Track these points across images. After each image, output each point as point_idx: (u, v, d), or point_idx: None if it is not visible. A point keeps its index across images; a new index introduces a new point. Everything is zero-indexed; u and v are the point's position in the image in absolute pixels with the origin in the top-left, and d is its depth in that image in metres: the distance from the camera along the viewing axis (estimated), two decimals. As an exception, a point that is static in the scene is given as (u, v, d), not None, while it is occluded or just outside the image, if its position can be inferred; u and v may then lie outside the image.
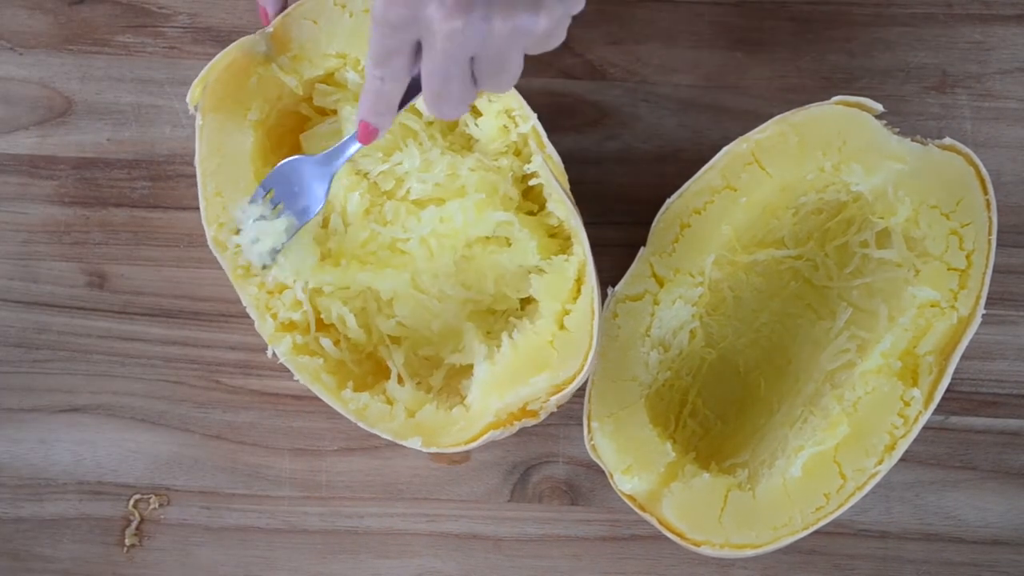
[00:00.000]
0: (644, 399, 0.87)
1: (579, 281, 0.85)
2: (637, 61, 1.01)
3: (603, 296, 0.88)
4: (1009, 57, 1.01)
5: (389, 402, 0.86)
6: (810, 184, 0.89)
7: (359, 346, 0.90)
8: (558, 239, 0.90)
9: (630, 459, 0.85)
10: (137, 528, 0.93)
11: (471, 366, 0.87)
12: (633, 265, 0.88)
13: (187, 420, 0.95)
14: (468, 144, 0.92)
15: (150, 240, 0.98)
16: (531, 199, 0.92)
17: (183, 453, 0.95)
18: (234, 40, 1.02)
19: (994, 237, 0.85)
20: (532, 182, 0.89)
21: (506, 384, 0.84)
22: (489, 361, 0.86)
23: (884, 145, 0.86)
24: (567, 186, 0.86)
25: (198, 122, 0.88)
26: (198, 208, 0.99)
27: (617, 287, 0.88)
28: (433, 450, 0.84)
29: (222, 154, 0.88)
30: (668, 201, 0.89)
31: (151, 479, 0.94)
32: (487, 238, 0.90)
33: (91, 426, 0.95)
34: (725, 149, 0.89)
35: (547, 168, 0.85)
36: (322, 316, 0.89)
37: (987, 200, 0.85)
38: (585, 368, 0.82)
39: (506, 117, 0.88)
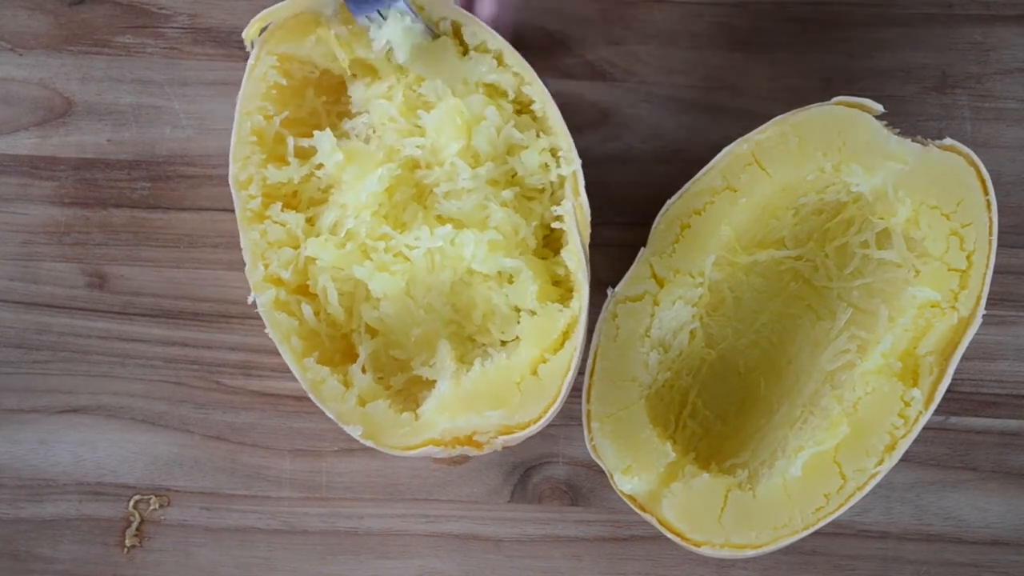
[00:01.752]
0: (644, 399, 0.86)
1: (566, 335, 0.84)
2: (637, 61, 1.02)
3: (603, 297, 0.88)
4: (1009, 57, 1.01)
5: (346, 384, 0.86)
6: (810, 185, 0.89)
7: (336, 324, 0.90)
8: (560, 288, 0.89)
9: (630, 459, 0.85)
10: (137, 529, 0.93)
11: (435, 382, 0.87)
12: (633, 266, 0.88)
13: (187, 421, 0.95)
14: (512, 179, 0.90)
15: (150, 241, 0.98)
16: (549, 244, 0.91)
17: (183, 454, 0.95)
18: (234, 41, 1.03)
19: (994, 237, 0.84)
20: (555, 225, 0.88)
21: (461, 408, 0.84)
22: (454, 381, 0.85)
23: (884, 145, 0.86)
24: (587, 239, 0.85)
25: (250, 61, 0.88)
26: (198, 208, 0.99)
27: (617, 288, 0.88)
28: (370, 443, 0.84)
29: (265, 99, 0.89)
30: (668, 202, 0.89)
31: (151, 480, 0.94)
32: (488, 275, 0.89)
33: (91, 427, 0.95)
34: (725, 150, 0.88)
35: (573, 217, 0.85)
36: (308, 283, 0.89)
37: (987, 200, 0.85)
38: (542, 420, 0.82)
39: (550, 155, 0.88)
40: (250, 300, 0.87)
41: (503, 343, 0.89)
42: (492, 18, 0.91)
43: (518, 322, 0.87)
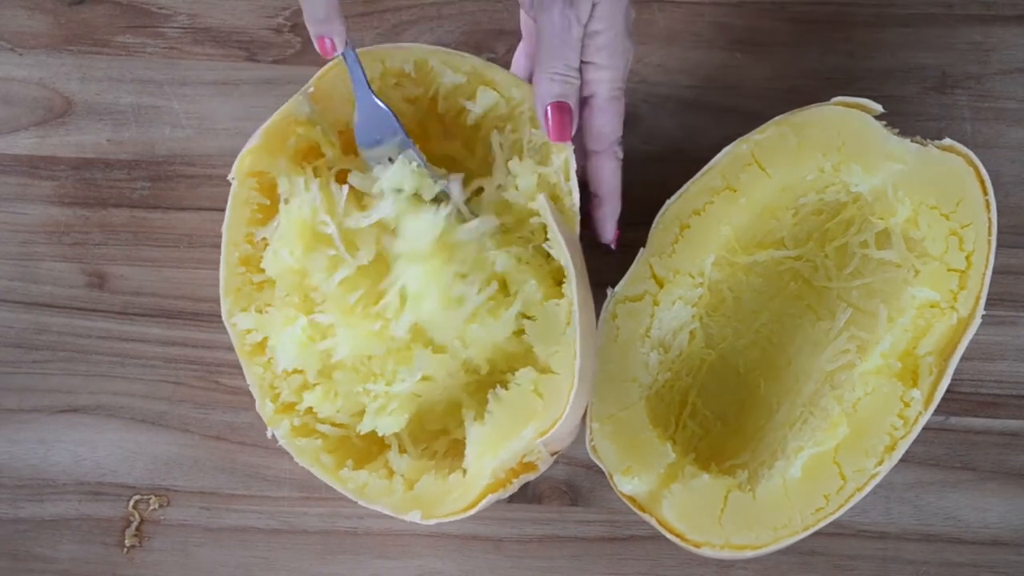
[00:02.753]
0: (644, 400, 0.86)
1: (567, 323, 0.82)
2: (637, 61, 1.01)
3: (603, 297, 0.88)
4: (1009, 58, 1.01)
5: (388, 474, 0.85)
6: (810, 185, 0.89)
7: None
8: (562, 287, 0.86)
9: (630, 460, 0.85)
10: (137, 529, 0.93)
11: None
12: (633, 266, 0.88)
13: (187, 421, 0.95)
14: (506, 207, 0.88)
15: (150, 240, 0.98)
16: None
17: (183, 454, 0.95)
18: (234, 41, 1.03)
19: (994, 237, 0.84)
20: (534, 220, 0.86)
21: (498, 441, 0.82)
22: (479, 421, 0.84)
23: (883, 146, 0.86)
24: (576, 225, 0.84)
25: (233, 187, 0.86)
26: (198, 208, 0.99)
27: (617, 288, 0.88)
28: (433, 522, 0.83)
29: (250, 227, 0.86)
30: (668, 202, 0.89)
31: (151, 480, 0.94)
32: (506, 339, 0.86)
33: (91, 426, 0.95)
34: (725, 150, 0.88)
35: (548, 208, 0.83)
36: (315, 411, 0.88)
37: (987, 200, 0.85)
38: (568, 407, 0.80)
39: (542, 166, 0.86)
40: (269, 435, 0.86)
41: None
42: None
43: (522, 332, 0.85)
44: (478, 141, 0.90)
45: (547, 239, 0.85)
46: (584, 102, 0.86)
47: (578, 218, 0.85)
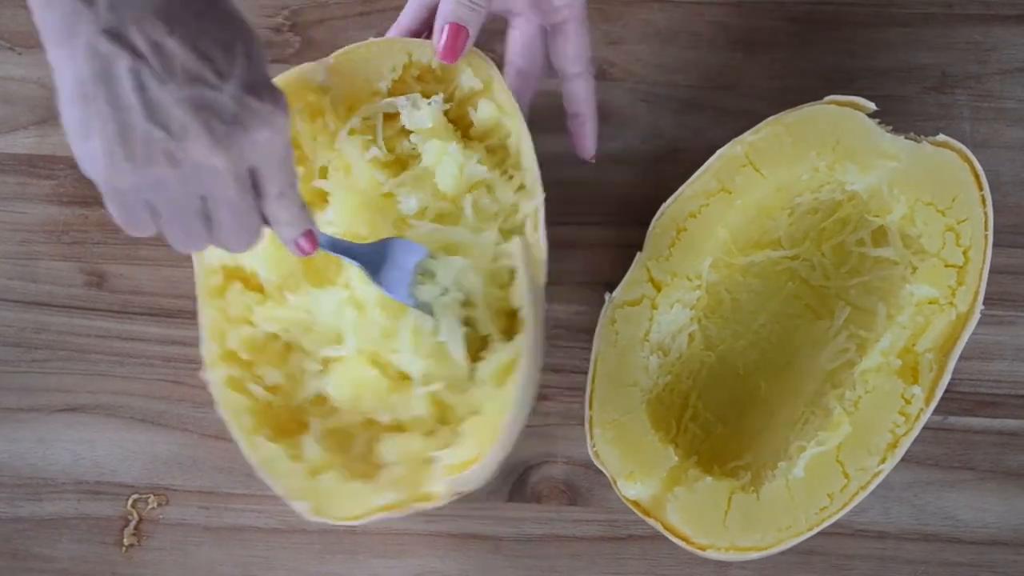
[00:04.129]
0: (645, 404, 0.86)
1: (507, 371, 0.81)
2: (637, 61, 1.02)
3: (601, 301, 0.87)
4: (1009, 57, 1.01)
5: (296, 458, 0.83)
6: (805, 184, 0.89)
7: (288, 395, 0.88)
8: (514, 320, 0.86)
9: (633, 465, 0.84)
10: (136, 528, 0.93)
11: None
12: (630, 270, 0.88)
13: (186, 420, 0.95)
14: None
15: (149, 240, 0.98)
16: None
17: (182, 453, 0.94)
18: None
19: (990, 232, 0.84)
20: (503, 263, 0.86)
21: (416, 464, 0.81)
22: (394, 439, 0.83)
23: (877, 143, 0.87)
24: (543, 277, 0.84)
25: None
26: (197, 208, 0.99)
27: (615, 293, 0.88)
28: (319, 519, 0.81)
29: None
30: (663, 205, 0.89)
31: (150, 479, 0.94)
32: None
33: (90, 426, 0.95)
34: (719, 152, 0.89)
35: (521, 255, 0.83)
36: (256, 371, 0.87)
37: (982, 195, 0.85)
38: (484, 459, 0.79)
39: (522, 194, 0.86)
40: (201, 375, 0.85)
41: None
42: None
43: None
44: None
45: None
46: (557, 28, 0.90)
47: (545, 268, 0.85)
